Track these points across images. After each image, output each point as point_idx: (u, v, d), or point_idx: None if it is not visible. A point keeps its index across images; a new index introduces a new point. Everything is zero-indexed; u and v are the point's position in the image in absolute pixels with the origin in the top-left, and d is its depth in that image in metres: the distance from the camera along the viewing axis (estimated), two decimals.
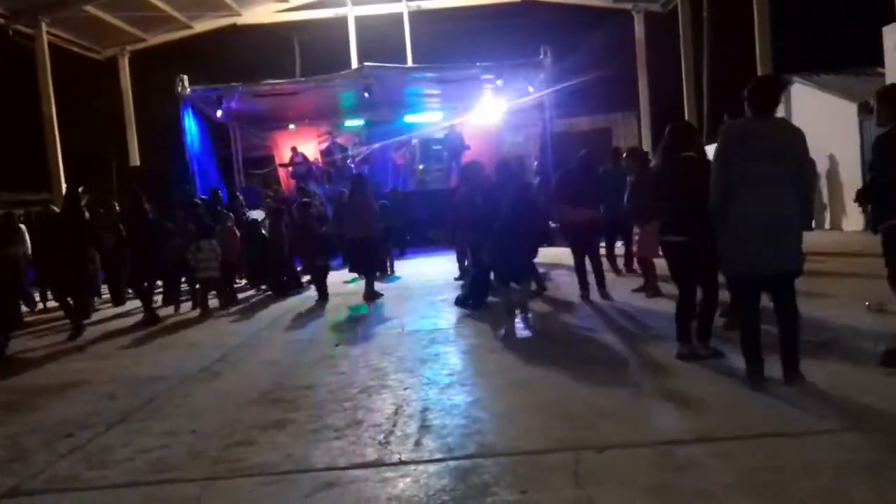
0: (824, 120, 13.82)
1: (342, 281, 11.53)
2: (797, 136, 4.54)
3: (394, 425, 4.46)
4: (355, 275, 10.96)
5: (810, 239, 5.23)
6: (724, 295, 5.32)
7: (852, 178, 13.17)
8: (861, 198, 5.59)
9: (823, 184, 14.72)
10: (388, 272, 12.73)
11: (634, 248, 9.01)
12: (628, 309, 7.88)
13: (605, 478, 3.48)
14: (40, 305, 11.70)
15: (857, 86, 14.65)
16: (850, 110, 13.95)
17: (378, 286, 10.45)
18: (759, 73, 16.56)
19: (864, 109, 13.26)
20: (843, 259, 10.27)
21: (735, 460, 3.54)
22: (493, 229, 7.36)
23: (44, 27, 17.86)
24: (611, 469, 3.57)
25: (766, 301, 4.66)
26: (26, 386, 6.57)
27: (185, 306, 10.59)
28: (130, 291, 11.00)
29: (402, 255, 15.44)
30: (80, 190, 9.54)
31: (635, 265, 9.78)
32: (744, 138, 4.53)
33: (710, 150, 4.92)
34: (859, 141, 13.57)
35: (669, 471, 3.49)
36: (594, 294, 8.58)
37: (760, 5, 16.35)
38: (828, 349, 5.35)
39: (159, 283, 10.99)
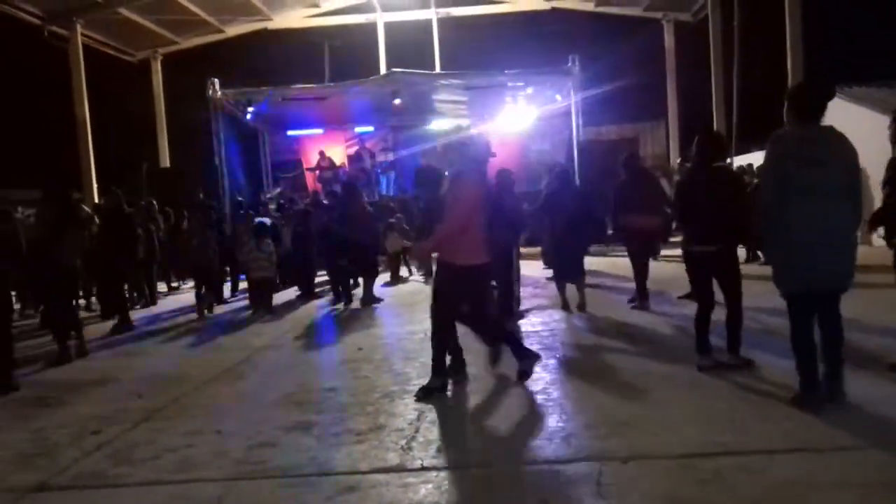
0: (857, 133, 13.52)
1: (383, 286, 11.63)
2: (847, 144, 4.36)
3: (416, 431, 4.46)
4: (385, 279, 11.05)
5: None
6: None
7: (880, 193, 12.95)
8: (875, 223, 5.42)
9: None
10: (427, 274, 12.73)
11: None
12: (665, 317, 7.82)
13: (628, 489, 3.44)
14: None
15: (891, 98, 14.39)
16: (883, 124, 13.70)
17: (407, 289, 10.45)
18: (792, 83, 16.41)
19: None
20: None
21: (761, 475, 3.48)
22: (554, 232, 8.44)
23: (79, 29, 18.18)
24: (634, 480, 3.54)
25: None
26: (55, 382, 6.67)
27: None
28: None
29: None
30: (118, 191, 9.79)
31: None
32: (796, 147, 4.32)
33: (739, 161, 4.87)
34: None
35: (694, 484, 3.45)
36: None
37: (793, 15, 16.17)
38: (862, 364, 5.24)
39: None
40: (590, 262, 10.66)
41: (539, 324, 8.04)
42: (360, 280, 10.64)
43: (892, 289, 5.97)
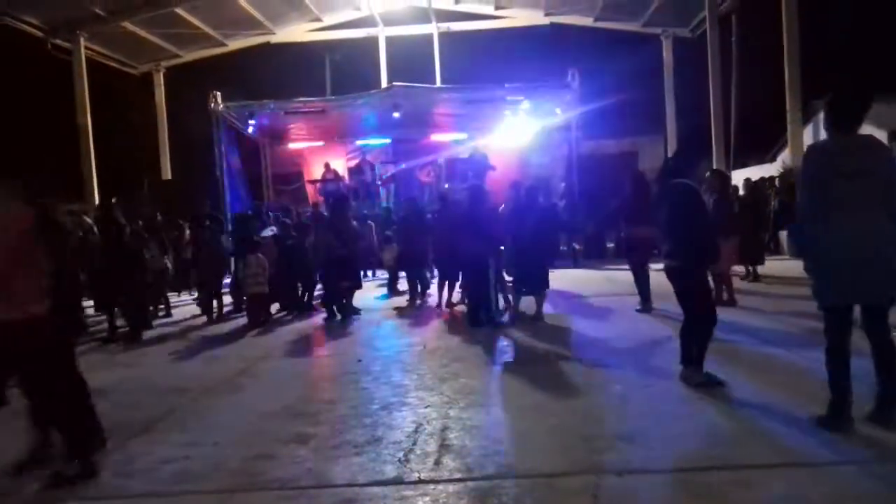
0: None
1: (372, 297, 11.63)
2: (887, 152, 4.29)
3: (414, 443, 4.47)
4: (384, 291, 10.99)
5: None
6: None
7: None
8: None
9: None
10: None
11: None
12: (663, 330, 7.85)
13: (624, 503, 3.45)
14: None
15: (887, 112, 14.44)
16: (879, 138, 13.76)
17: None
18: (789, 98, 16.50)
19: (894, 137, 13.10)
20: None
21: (756, 489, 3.50)
22: (516, 244, 8.66)
23: (82, 42, 18.31)
24: (629, 494, 3.55)
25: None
26: None
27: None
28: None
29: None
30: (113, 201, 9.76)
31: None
32: (838, 159, 4.21)
33: (738, 175, 4.90)
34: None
35: (690, 498, 3.48)
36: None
37: (790, 31, 16.31)
38: None
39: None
40: (589, 277, 10.75)
41: (530, 335, 8.09)
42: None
43: None
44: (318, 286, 11.32)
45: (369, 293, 11.73)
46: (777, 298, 9.50)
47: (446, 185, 19.19)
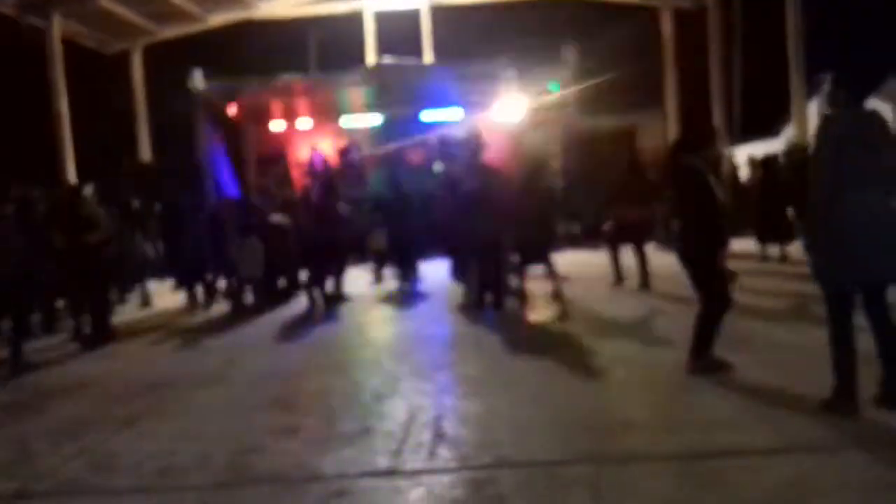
0: None
1: (362, 284, 11.49)
2: (887, 129, 4.16)
3: (407, 433, 4.37)
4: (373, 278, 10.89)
5: None
6: None
7: None
8: None
9: None
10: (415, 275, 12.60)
11: None
12: (665, 315, 7.73)
13: (626, 492, 3.39)
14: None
15: (894, 87, 14.27)
16: (885, 113, 13.64)
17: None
18: (792, 71, 16.28)
19: None
20: None
21: (762, 476, 3.43)
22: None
23: (56, 20, 17.89)
24: (631, 482, 3.48)
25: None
26: (34, 387, 6.52)
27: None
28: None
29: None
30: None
31: None
32: (854, 129, 4.11)
33: (741, 152, 4.76)
34: None
35: (693, 486, 3.40)
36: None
37: (793, 2, 16.04)
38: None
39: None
40: (589, 261, 10.68)
41: (526, 320, 8.05)
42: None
43: None
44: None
45: (359, 280, 11.55)
46: (785, 278, 9.38)
47: (437, 166, 19.05)
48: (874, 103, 4.23)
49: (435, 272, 11.40)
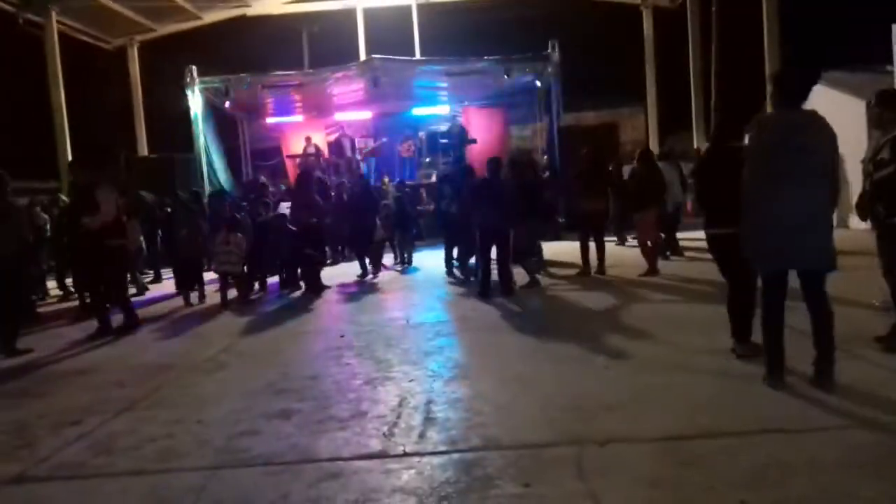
0: (831, 117, 13.66)
1: (355, 274, 11.62)
2: (829, 129, 4.37)
3: (398, 417, 4.47)
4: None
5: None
6: None
7: (859, 177, 13.09)
8: (865, 204, 5.39)
9: None
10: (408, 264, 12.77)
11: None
12: (647, 302, 7.92)
13: (609, 471, 3.47)
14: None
15: (867, 83, 14.45)
16: (858, 108, 13.82)
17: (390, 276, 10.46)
18: (770, 68, 16.49)
19: (870, 105, 13.09)
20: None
21: (739, 456, 3.53)
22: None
23: (54, 16, 17.88)
24: (615, 463, 3.57)
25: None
26: (34, 372, 6.60)
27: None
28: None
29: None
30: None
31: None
32: (784, 134, 4.33)
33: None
34: (867, 140, 13.42)
35: (673, 465, 3.49)
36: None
37: (769, 1, 16.22)
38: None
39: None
40: (574, 249, 10.81)
41: (515, 307, 8.17)
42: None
43: (871, 270, 5.97)
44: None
45: (349, 269, 11.65)
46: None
47: (431, 162, 19.13)
48: (845, 99, 4.40)
49: (429, 260, 11.57)
